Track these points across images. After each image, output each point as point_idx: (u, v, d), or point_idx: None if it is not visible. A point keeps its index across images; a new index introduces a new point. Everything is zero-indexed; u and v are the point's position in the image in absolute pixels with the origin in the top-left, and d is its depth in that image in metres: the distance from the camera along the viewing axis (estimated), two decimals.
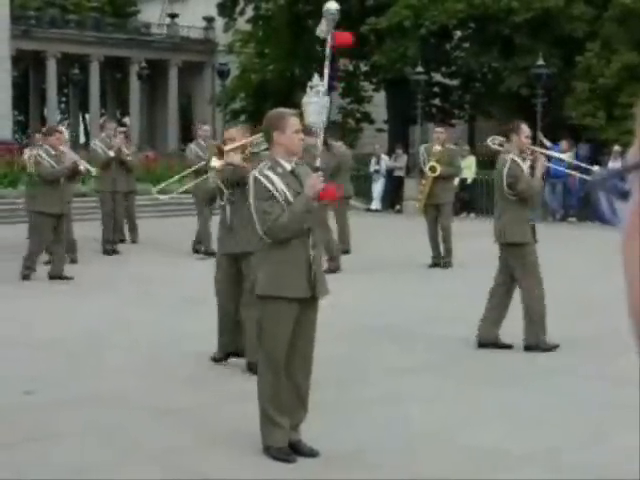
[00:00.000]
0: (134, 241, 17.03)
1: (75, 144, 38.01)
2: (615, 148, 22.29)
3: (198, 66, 51.37)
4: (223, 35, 42.81)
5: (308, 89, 5.84)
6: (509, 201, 8.29)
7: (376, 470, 5.20)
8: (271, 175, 5.28)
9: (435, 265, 14.02)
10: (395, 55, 30.94)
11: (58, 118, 53.14)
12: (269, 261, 5.29)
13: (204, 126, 16.45)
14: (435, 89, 34.66)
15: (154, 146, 44.15)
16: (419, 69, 29.52)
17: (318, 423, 5.57)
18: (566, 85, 28.21)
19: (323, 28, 5.77)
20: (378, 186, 26.98)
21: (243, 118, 36.80)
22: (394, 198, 26.66)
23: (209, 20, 49.11)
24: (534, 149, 8.79)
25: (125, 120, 52.25)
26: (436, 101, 35.26)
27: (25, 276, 12.46)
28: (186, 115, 52.62)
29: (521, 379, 7.31)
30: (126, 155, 15.87)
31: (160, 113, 50.98)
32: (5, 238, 16.86)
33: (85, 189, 20.95)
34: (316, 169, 5.32)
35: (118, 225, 16.20)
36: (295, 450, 5.35)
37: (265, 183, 5.25)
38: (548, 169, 9.64)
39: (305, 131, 5.58)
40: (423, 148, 14.95)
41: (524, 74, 28.56)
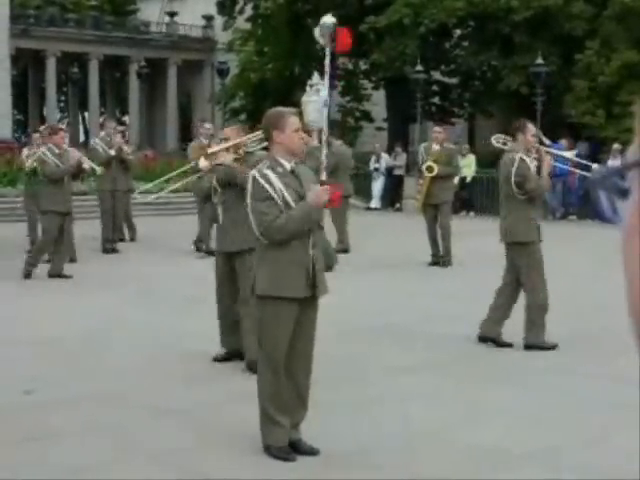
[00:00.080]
0: (132, 239, 17.06)
1: (74, 143, 37.94)
2: (614, 146, 22.29)
3: (197, 65, 51.32)
4: (222, 33, 42.82)
5: (308, 88, 5.85)
6: (516, 200, 8.24)
7: (376, 469, 5.19)
8: (270, 174, 5.26)
9: (434, 264, 14.03)
10: (394, 53, 30.94)
11: (57, 117, 53.10)
12: (268, 261, 5.28)
13: (206, 124, 16.41)
14: (434, 87, 34.65)
15: (153, 145, 44.15)
16: (418, 67, 29.54)
17: (318, 422, 5.56)
18: (565, 83, 28.20)
19: (321, 37, 5.74)
20: (378, 184, 26.99)
21: (243, 117, 36.80)
22: (394, 196, 26.68)
23: (208, 19, 49.07)
24: (540, 148, 8.77)
25: (124, 119, 52.24)
26: (435, 99, 35.26)
27: (28, 273, 12.44)
28: (185, 114, 52.59)
29: (521, 378, 7.31)
30: (127, 154, 15.88)
31: (159, 112, 50.94)
32: (5, 237, 16.86)
33: (85, 188, 20.94)
34: (322, 182, 5.30)
35: (118, 224, 16.22)
36: (295, 449, 5.34)
37: (263, 183, 5.24)
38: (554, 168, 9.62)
39: (309, 133, 5.59)
40: (422, 147, 14.96)
41: (523, 72, 28.56)
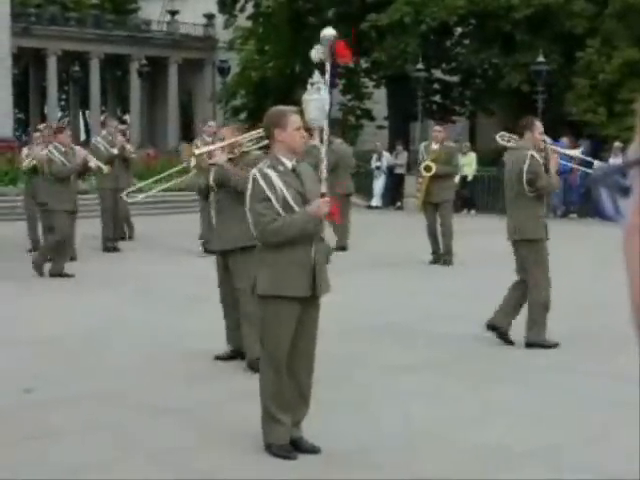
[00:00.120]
0: (130, 237, 17.04)
1: (75, 142, 37.91)
2: (616, 144, 22.27)
3: (198, 63, 51.32)
4: (223, 32, 42.82)
5: (309, 86, 5.81)
6: (526, 198, 8.22)
7: (377, 468, 5.19)
8: (271, 174, 5.25)
9: (435, 262, 14.01)
10: (395, 52, 30.93)
11: (58, 115, 53.12)
12: (269, 261, 5.27)
13: (210, 122, 16.40)
14: (435, 86, 34.64)
15: (154, 143, 44.15)
16: (419, 66, 29.53)
17: (319, 420, 5.55)
18: (567, 81, 28.19)
19: (318, 54, 5.70)
20: (379, 183, 26.96)
21: (244, 115, 36.79)
22: (395, 195, 26.66)
23: (209, 17, 49.07)
24: (547, 145, 8.77)
25: (125, 117, 52.23)
26: (437, 98, 35.25)
27: (40, 272, 12.40)
28: (186, 112, 52.60)
29: (522, 376, 7.30)
30: (130, 153, 15.87)
31: (160, 110, 50.92)
32: (5, 236, 16.86)
33: (85, 186, 20.90)
34: (322, 194, 5.29)
35: (119, 222, 16.19)
36: (297, 447, 5.34)
37: (262, 184, 5.22)
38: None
39: (310, 131, 5.57)
40: (423, 146, 14.95)
41: (524, 70, 28.55)
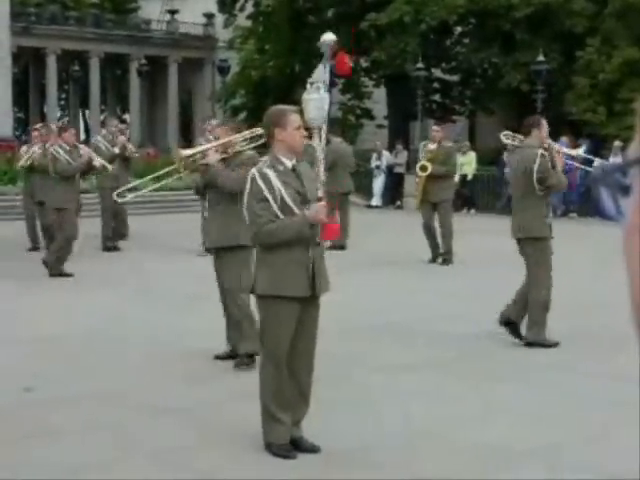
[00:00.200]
0: (125, 236, 16.94)
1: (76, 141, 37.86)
2: (616, 143, 22.27)
3: (198, 62, 51.30)
4: (223, 31, 42.79)
5: (308, 85, 5.80)
6: (534, 196, 8.23)
7: (377, 467, 5.18)
8: (269, 173, 5.23)
9: (433, 260, 13.94)
10: (395, 51, 30.93)
11: (58, 115, 53.09)
12: (268, 261, 5.26)
13: (212, 121, 16.38)
14: (435, 85, 34.64)
15: (154, 143, 44.14)
16: (419, 65, 29.55)
17: (319, 420, 5.55)
18: (566, 81, 28.19)
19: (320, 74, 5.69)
20: (379, 182, 26.95)
21: (243, 115, 36.78)
22: (394, 194, 26.65)
23: (209, 16, 49.05)
24: (552, 144, 8.79)
25: (125, 117, 52.22)
26: (436, 97, 35.25)
27: (53, 267, 12.41)
28: (186, 112, 52.58)
29: (522, 375, 7.30)
30: (132, 152, 15.83)
31: (160, 110, 50.91)
32: (5, 235, 16.85)
33: (86, 185, 20.88)
34: (319, 199, 5.27)
35: (120, 222, 16.13)
36: (297, 446, 5.33)
37: (261, 184, 5.21)
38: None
39: (310, 131, 5.55)
40: (422, 145, 14.95)
41: (524, 70, 28.56)
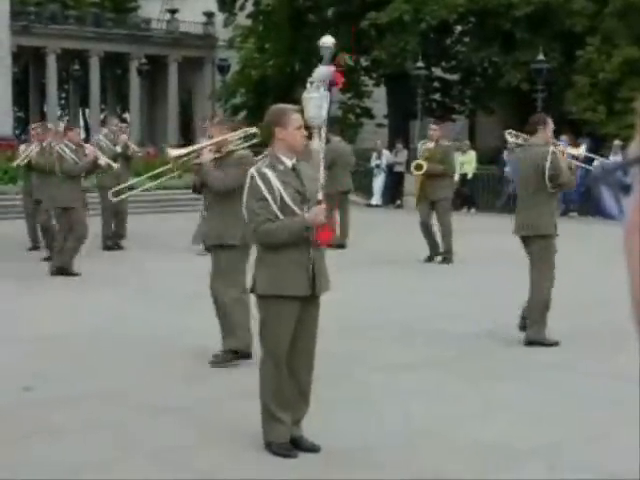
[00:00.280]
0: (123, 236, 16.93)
1: None
2: (615, 142, 22.26)
3: (198, 62, 51.31)
4: (223, 30, 42.78)
5: (308, 84, 5.80)
6: (545, 194, 8.24)
7: (378, 466, 5.18)
8: (268, 173, 5.22)
9: (430, 259, 13.82)
10: (395, 50, 30.94)
11: (58, 114, 53.09)
12: (268, 260, 5.25)
13: (215, 119, 16.28)
14: (435, 84, 34.65)
15: (154, 142, 44.15)
16: (419, 64, 29.55)
17: (319, 419, 5.55)
18: (566, 80, 28.19)
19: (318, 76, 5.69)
20: (379, 181, 26.93)
21: (243, 114, 36.77)
22: (394, 193, 26.63)
23: (209, 15, 49.07)
24: (556, 143, 8.81)
25: (125, 116, 52.23)
26: (436, 96, 35.25)
27: (63, 269, 12.42)
28: (186, 111, 52.60)
29: (522, 375, 7.29)
30: (135, 151, 15.81)
31: (160, 109, 50.93)
32: (5, 235, 16.84)
33: (87, 184, 20.83)
34: (319, 202, 5.26)
35: (122, 221, 16.08)
36: (297, 445, 5.33)
37: (260, 183, 5.20)
38: None
39: (310, 130, 5.55)
40: (420, 144, 14.95)
41: (524, 69, 28.56)
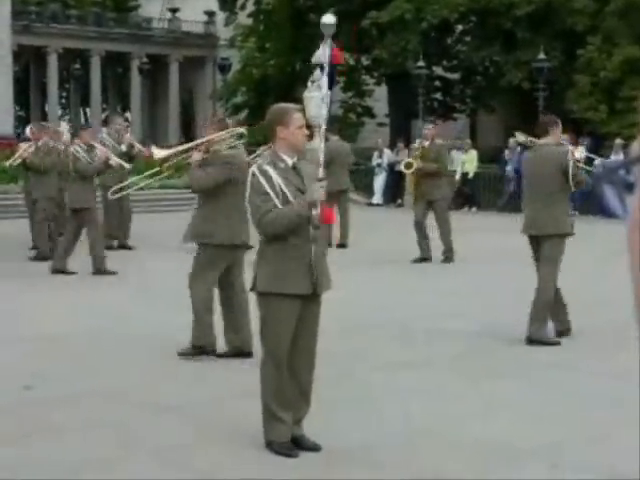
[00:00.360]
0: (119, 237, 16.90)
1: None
2: (617, 141, 22.25)
3: (199, 61, 51.32)
4: (224, 29, 42.81)
5: (309, 83, 5.80)
6: (563, 193, 8.27)
7: (379, 465, 5.18)
8: (270, 170, 5.22)
9: (422, 260, 13.70)
10: (396, 49, 30.94)
11: (59, 113, 53.11)
12: (269, 258, 5.25)
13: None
14: (436, 83, 34.66)
15: (156, 141, 44.08)
16: (420, 63, 29.56)
17: (320, 418, 5.55)
18: (568, 79, 28.18)
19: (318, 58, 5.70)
20: (380, 180, 26.93)
21: (245, 113, 36.79)
22: (395, 192, 26.62)
23: (210, 14, 49.07)
24: (562, 143, 8.82)
25: (127, 115, 52.24)
26: (437, 95, 35.25)
27: (99, 270, 12.43)
28: (187, 110, 52.60)
29: (523, 374, 7.28)
30: (140, 151, 15.81)
31: (161, 108, 50.94)
32: (6, 234, 16.84)
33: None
34: (320, 179, 5.24)
35: (125, 220, 16.03)
36: (298, 445, 5.33)
37: (260, 179, 5.20)
38: None
39: (311, 129, 5.53)
40: (417, 143, 14.93)
41: (525, 68, 28.56)
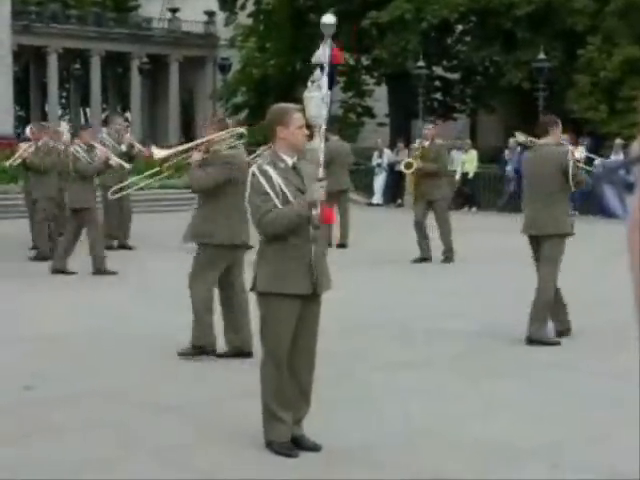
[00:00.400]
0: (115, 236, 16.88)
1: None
2: (617, 141, 22.24)
3: (199, 61, 51.32)
4: (224, 29, 42.82)
5: (309, 83, 5.80)
6: (564, 193, 8.29)
7: (379, 466, 5.18)
8: (269, 170, 5.22)
9: (420, 260, 13.75)
10: (396, 49, 30.94)
11: (59, 113, 53.11)
12: (269, 258, 5.25)
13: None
14: (436, 83, 34.66)
15: (156, 141, 44.11)
16: (420, 63, 29.56)
17: (320, 418, 5.55)
18: (568, 79, 28.19)
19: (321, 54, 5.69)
20: (380, 180, 26.92)
21: (245, 113, 36.80)
22: (395, 192, 26.61)
23: (210, 14, 49.08)
24: (562, 143, 8.83)
25: (127, 115, 52.25)
26: (437, 95, 35.25)
27: (99, 270, 12.41)
28: (187, 110, 52.59)
29: (523, 374, 7.28)
30: (141, 151, 15.81)
31: (161, 108, 50.94)
32: (7, 234, 16.84)
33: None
34: (320, 179, 5.24)
35: (125, 220, 16.03)
36: (298, 445, 5.33)
37: (260, 179, 5.20)
38: None
39: (311, 129, 5.53)
40: (417, 143, 14.95)
41: (525, 68, 28.56)
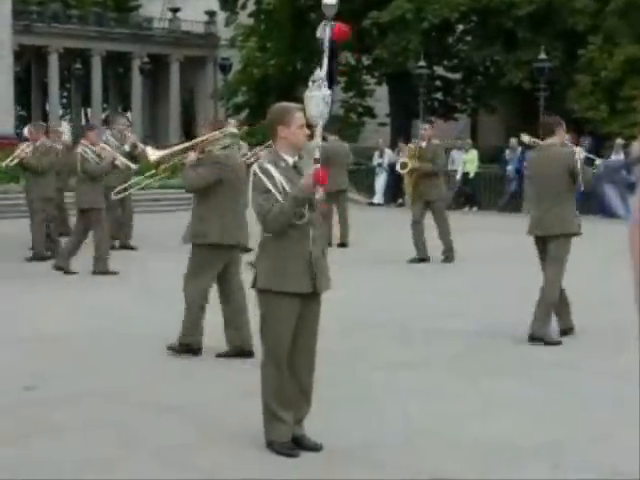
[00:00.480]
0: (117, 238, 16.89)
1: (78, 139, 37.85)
2: (617, 141, 22.24)
3: (200, 61, 51.34)
4: (225, 29, 42.83)
5: (310, 83, 5.78)
6: (571, 193, 8.33)
7: (379, 466, 5.18)
8: (271, 169, 5.23)
9: (419, 261, 13.71)
10: (397, 49, 30.94)
11: (60, 113, 53.12)
12: (269, 256, 5.25)
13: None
14: (437, 83, 34.66)
15: (156, 141, 44.17)
16: (421, 63, 29.57)
17: (321, 418, 5.54)
18: (568, 78, 28.19)
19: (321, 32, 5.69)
20: (380, 180, 26.92)
21: (245, 113, 36.81)
22: (396, 192, 26.60)
23: (211, 14, 49.10)
24: (565, 144, 8.83)
25: (127, 115, 52.28)
26: (438, 95, 35.26)
27: (100, 271, 12.42)
28: (188, 110, 52.61)
29: (524, 373, 7.28)
30: (142, 150, 15.79)
31: (162, 108, 50.96)
32: (7, 234, 16.84)
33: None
34: (316, 160, 5.23)
35: (128, 220, 16.01)
36: (298, 445, 5.32)
37: (262, 177, 5.20)
38: None
39: (312, 128, 5.51)
40: (415, 143, 14.92)
41: (526, 68, 28.56)
